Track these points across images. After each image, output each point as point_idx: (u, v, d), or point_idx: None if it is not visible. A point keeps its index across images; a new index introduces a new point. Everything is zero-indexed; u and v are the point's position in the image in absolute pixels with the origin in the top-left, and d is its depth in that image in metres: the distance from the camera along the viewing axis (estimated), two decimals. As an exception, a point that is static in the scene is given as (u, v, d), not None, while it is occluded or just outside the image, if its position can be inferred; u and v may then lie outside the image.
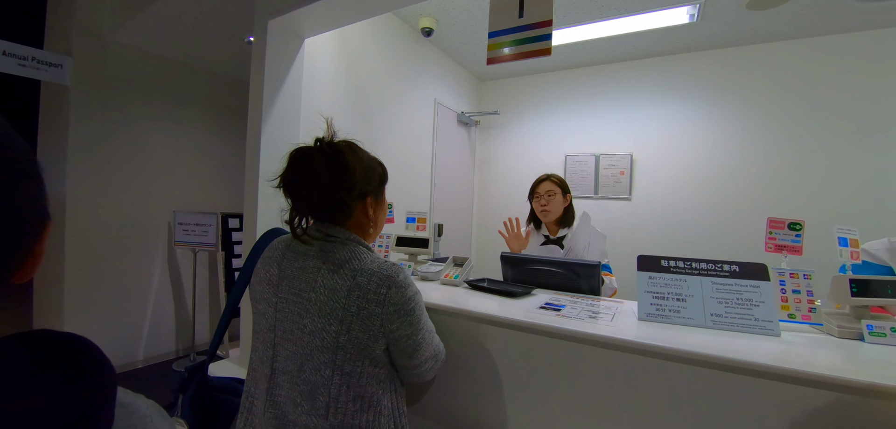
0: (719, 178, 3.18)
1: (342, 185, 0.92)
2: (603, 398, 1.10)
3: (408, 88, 3.10)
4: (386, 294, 0.87)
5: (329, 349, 0.88)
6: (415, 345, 0.93)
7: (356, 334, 0.87)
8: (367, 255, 0.94)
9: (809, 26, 2.75)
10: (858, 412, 0.87)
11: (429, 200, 3.43)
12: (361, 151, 1.00)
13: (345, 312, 0.87)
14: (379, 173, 1.04)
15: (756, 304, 1.16)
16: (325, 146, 0.95)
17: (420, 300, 0.95)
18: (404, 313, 0.89)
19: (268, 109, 2.03)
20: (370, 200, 1.00)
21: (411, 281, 0.93)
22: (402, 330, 0.90)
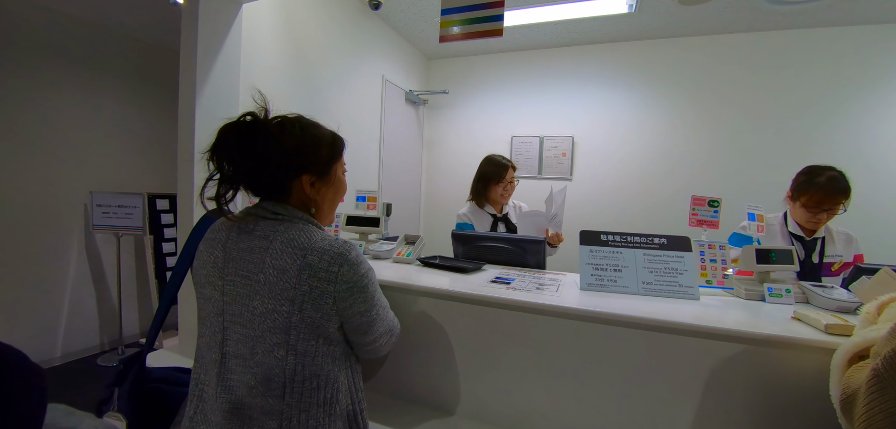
0: (649, 159, 3.45)
1: (268, 162, 0.89)
2: (550, 363, 1.18)
3: (355, 63, 3.01)
4: (338, 272, 0.87)
5: (281, 330, 0.86)
6: (369, 321, 0.94)
7: (309, 313, 0.86)
8: (317, 233, 0.92)
9: (730, 23, 3.02)
10: (760, 359, 1.01)
11: (377, 179, 3.39)
12: (300, 125, 0.96)
13: (296, 292, 0.86)
14: (325, 151, 0.98)
15: (680, 272, 1.29)
16: (249, 121, 0.91)
17: (373, 277, 0.95)
18: (357, 291, 0.89)
19: (202, 80, 1.88)
20: (307, 178, 0.94)
21: (364, 258, 0.93)
22: (355, 307, 0.90)
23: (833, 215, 1.63)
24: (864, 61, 2.89)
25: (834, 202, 1.60)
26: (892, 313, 0.85)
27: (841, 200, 1.60)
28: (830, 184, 1.60)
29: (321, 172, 0.98)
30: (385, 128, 3.41)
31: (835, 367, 0.85)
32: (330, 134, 1.02)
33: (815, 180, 1.63)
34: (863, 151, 2.91)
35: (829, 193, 1.59)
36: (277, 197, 0.96)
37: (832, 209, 1.61)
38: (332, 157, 1.01)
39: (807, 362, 0.99)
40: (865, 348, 0.82)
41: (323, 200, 1.01)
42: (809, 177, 1.65)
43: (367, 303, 0.92)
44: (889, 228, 2.86)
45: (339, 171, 1.04)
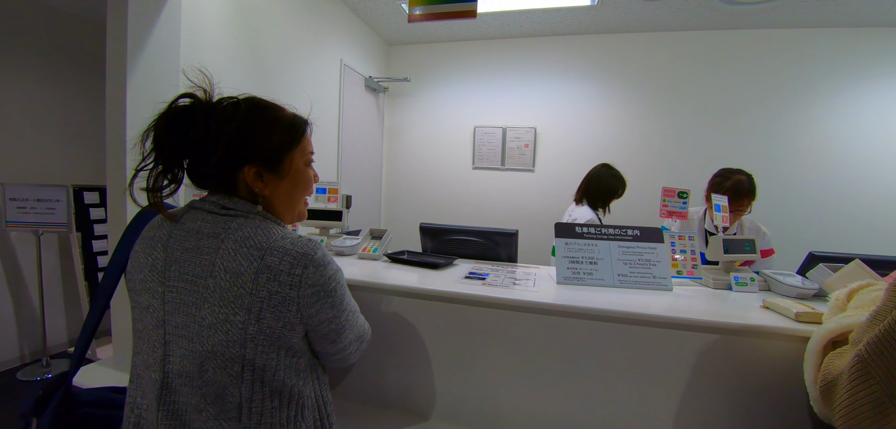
0: (609, 152, 3.52)
1: (209, 150, 0.78)
2: (529, 360, 1.14)
3: (311, 46, 2.83)
4: (302, 275, 0.76)
5: (236, 343, 0.75)
6: (338, 329, 0.85)
7: (268, 322, 0.76)
8: (276, 230, 0.81)
9: (686, 21, 3.13)
10: (736, 347, 1.02)
11: (336, 169, 3.22)
12: (248, 106, 0.84)
13: (252, 299, 0.74)
14: (278, 136, 0.84)
15: (653, 263, 1.29)
16: (187, 103, 0.80)
17: (342, 278, 0.86)
18: (325, 295, 0.80)
19: (134, 59, 1.66)
20: (251, 169, 0.81)
21: (331, 258, 0.83)
22: (322, 314, 0.80)
23: (741, 214, 1.83)
24: (809, 62, 3.10)
25: (739, 204, 1.77)
26: (862, 300, 0.88)
27: (746, 202, 1.79)
28: (736, 187, 1.77)
29: (270, 161, 0.84)
30: (344, 116, 3.25)
31: (810, 353, 0.86)
32: (288, 117, 0.89)
33: (724, 184, 1.80)
34: (807, 145, 3.13)
35: (735, 194, 1.75)
36: (226, 190, 0.84)
37: (739, 210, 1.79)
38: (287, 144, 0.86)
39: (779, 349, 1.01)
40: (840, 335, 0.84)
41: (274, 196, 0.87)
42: (721, 181, 1.83)
43: (336, 308, 0.83)
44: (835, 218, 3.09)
45: (297, 161, 0.90)
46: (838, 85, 3.05)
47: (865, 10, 2.78)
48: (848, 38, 3.01)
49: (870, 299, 0.87)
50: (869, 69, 2.99)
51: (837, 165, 3.08)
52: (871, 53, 2.98)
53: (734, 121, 3.25)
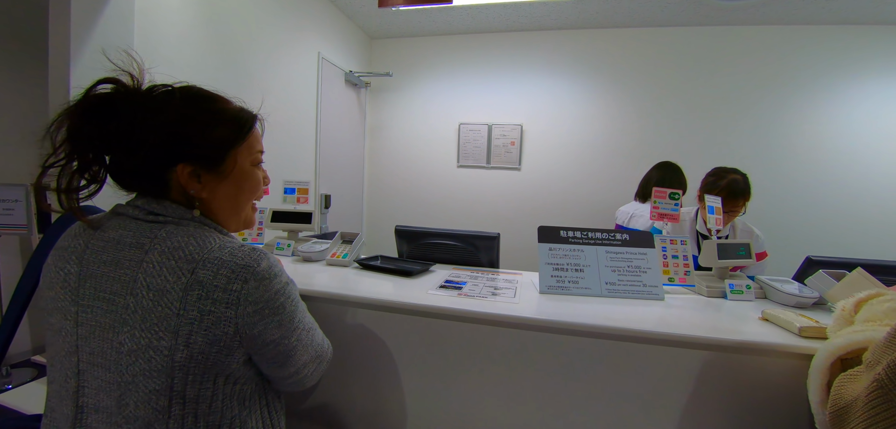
0: (597, 149, 3.45)
1: (134, 145, 0.68)
2: (509, 378, 1.03)
3: (286, 37, 2.67)
4: (241, 291, 0.65)
5: (161, 372, 0.63)
6: (287, 351, 0.73)
7: (200, 347, 0.64)
8: (213, 239, 0.69)
9: (674, 17, 3.05)
10: (735, 364, 0.93)
11: (314, 168, 3.08)
12: (184, 95, 0.73)
13: (180, 321, 0.63)
14: (220, 131, 0.74)
15: (644, 270, 1.20)
16: (109, 91, 0.70)
17: (292, 292, 0.74)
18: (270, 314, 0.69)
19: (79, 46, 1.50)
20: (185, 169, 0.71)
21: (279, 270, 0.72)
22: (267, 335, 0.69)
23: (735, 216, 1.75)
24: (799, 59, 3.05)
25: (734, 204, 1.70)
26: (872, 312, 0.79)
27: (741, 202, 1.72)
28: (730, 186, 1.70)
29: (209, 159, 0.73)
30: (322, 111, 3.10)
31: (816, 371, 0.77)
32: (233, 110, 0.78)
33: (718, 183, 1.72)
34: (798, 144, 3.08)
35: (730, 193, 1.69)
36: (155, 192, 0.72)
37: (733, 210, 1.72)
38: (231, 139, 0.75)
39: (781, 367, 0.92)
40: (851, 352, 0.75)
41: (213, 199, 0.75)
42: (715, 180, 1.76)
43: (285, 328, 0.72)
44: (828, 218, 3.06)
45: (242, 160, 0.78)
46: (829, 83, 3.01)
47: (857, 8, 2.73)
48: (838, 36, 2.97)
49: (881, 311, 0.78)
50: (860, 67, 2.96)
51: (829, 165, 3.04)
52: (863, 51, 2.94)
53: (723, 119, 3.19)
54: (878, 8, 2.71)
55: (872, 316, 0.77)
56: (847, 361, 0.76)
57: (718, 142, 3.18)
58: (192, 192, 0.72)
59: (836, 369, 0.76)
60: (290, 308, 0.72)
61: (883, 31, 2.91)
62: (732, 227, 1.81)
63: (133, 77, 0.71)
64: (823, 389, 0.76)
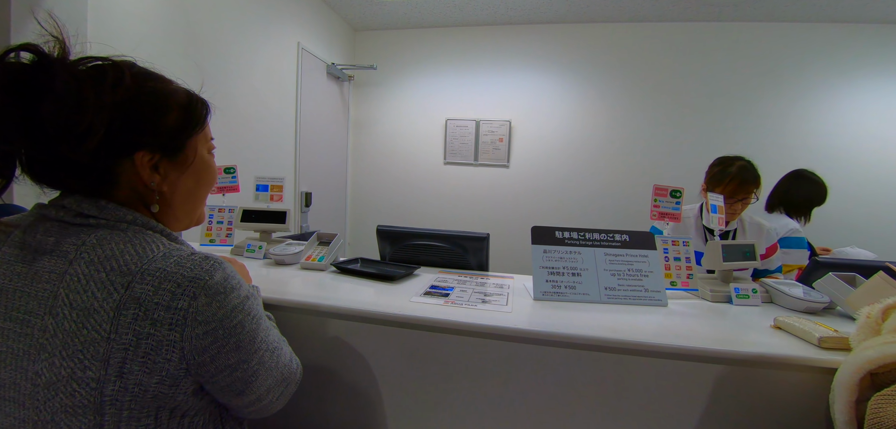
0: (587, 147, 3.38)
1: (69, 131, 0.53)
2: (501, 395, 0.93)
3: (262, 25, 2.52)
4: (188, 309, 0.54)
5: (87, 409, 0.52)
6: (246, 377, 0.62)
7: (136, 378, 0.53)
8: (156, 245, 0.58)
9: (665, 12, 3.00)
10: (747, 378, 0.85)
11: (293, 164, 2.93)
12: (133, 73, 0.60)
13: (111, 346, 0.52)
14: (175, 115, 0.64)
15: (645, 274, 1.11)
16: (31, 61, 0.54)
17: (252, 307, 0.63)
18: (224, 335, 0.57)
19: (20, 27, 1.35)
20: (145, 157, 0.61)
21: (236, 282, 0.60)
22: (222, 360, 0.58)
23: (747, 205, 1.63)
24: (790, 56, 3.02)
25: (747, 191, 1.59)
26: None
27: (752, 189, 1.61)
28: (742, 173, 1.60)
29: (168, 147, 0.64)
30: (302, 105, 2.96)
31: (842, 387, 0.69)
32: (183, 92, 0.67)
33: (727, 170, 1.62)
34: (788, 141, 3.06)
35: (742, 181, 1.58)
36: (90, 189, 0.59)
37: (746, 198, 1.61)
38: (188, 124, 0.66)
39: (798, 381, 0.84)
40: (882, 366, 0.66)
41: (174, 193, 0.66)
42: (722, 168, 1.64)
43: (243, 351, 0.61)
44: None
45: (200, 148, 0.70)
46: (818, 81, 3.00)
47: (845, 6, 2.71)
48: (827, 33, 2.96)
49: (915, 322, 0.70)
50: (850, 65, 2.95)
51: (820, 162, 3.01)
52: (852, 49, 2.94)
53: (713, 115, 3.15)
54: (865, 6, 2.69)
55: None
56: (877, 375, 0.68)
57: (709, 138, 3.14)
58: (154, 185, 0.62)
59: (865, 384, 0.68)
60: (250, 327, 0.61)
61: (871, 29, 2.90)
62: (740, 222, 1.69)
63: (63, 45, 0.57)
64: (851, 407, 0.68)
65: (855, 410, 0.68)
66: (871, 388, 0.68)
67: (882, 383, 0.66)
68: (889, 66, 2.91)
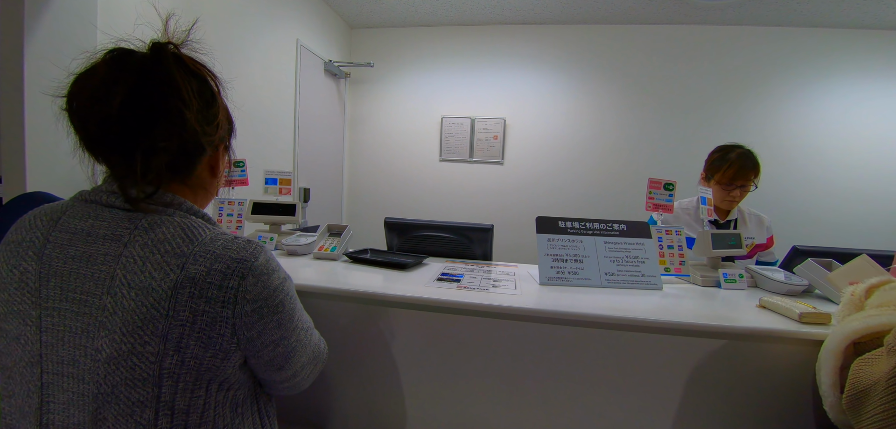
0: (579, 145, 3.47)
1: (208, 118, 0.66)
2: (512, 371, 1.00)
3: (262, 22, 2.55)
4: (238, 288, 0.59)
5: (147, 382, 0.56)
6: (287, 352, 0.68)
7: (193, 352, 0.57)
8: (204, 230, 0.62)
9: (657, 15, 3.11)
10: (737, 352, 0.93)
11: (292, 159, 2.96)
12: (192, 61, 0.69)
13: (170, 323, 0.56)
14: (229, 119, 0.76)
15: (642, 260, 1.19)
16: (175, 52, 0.65)
17: (290, 288, 0.69)
18: (269, 312, 0.63)
19: (34, 21, 1.37)
20: (223, 150, 0.75)
21: (276, 264, 0.66)
22: (267, 336, 0.64)
23: (746, 193, 1.65)
24: (779, 59, 3.16)
25: (746, 177, 1.61)
26: (884, 298, 0.80)
27: (752, 176, 1.62)
28: (742, 159, 1.61)
29: (227, 143, 0.76)
30: (301, 101, 2.99)
31: (829, 354, 0.78)
32: (226, 108, 0.76)
33: (727, 156, 1.63)
34: (776, 141, 3.18)
35: (741, 167, 1.59)
36: (161, 176, 0.63)
37: (745, 185, 1.62)
38: (233, 125, 0.78)
39: (781, 353, 0.93)
40: (867, 336, 0.75)
41: (212, 187, 0.76)
42: (722, 154, 1.65)
43: (284, 327, 0.67)
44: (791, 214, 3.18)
45: None
46: (802, 83, 3.14)
47: (825, 12, 2.85)
48: (809, 38, 3.10)
49: (895, 298, 0.79)
50: (830, 68, 3.09)
51: (802, 161, 3.18)
52: (833, 53, 3.08)
53: (701, 114, 3.28)
54: (841, 11, 2.84)
55: (886, 302, 0.78)
56: (860, 345, 0.77)
57: (694, 137, 3.26)
58: (220, 172, 0.74)
59: (849, 352, 0.77)
60: (289, 306, 0.67)
61: (855, 34, 3.05)
62: (740, 213, 1.72)
63: (173, 42, 0.65)
64: (836, 371, 0.76)
65: (839, 375, 0.76)
66: (854, 356, 0.76)
67: (863, 352, 0.75)
68: (863, 68, 3.07)
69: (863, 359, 0.70)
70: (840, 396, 0.73)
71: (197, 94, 0.63)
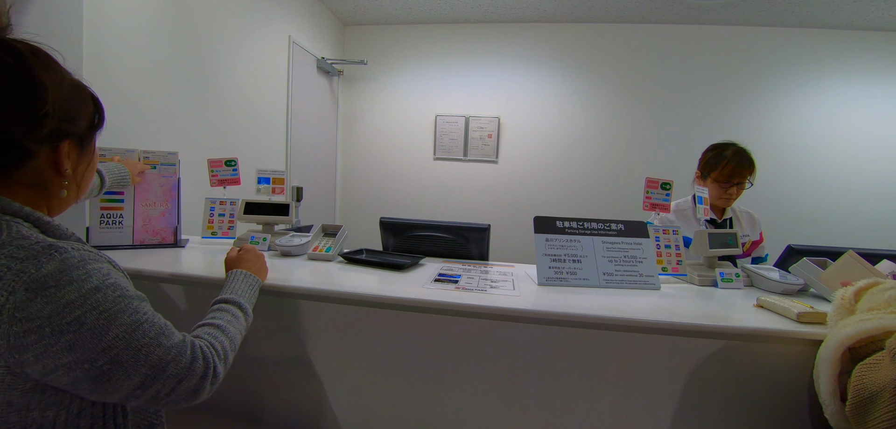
0: (573, 144, 3.47)
1: (22, 114, 0.55)
2: (511, 374, 0.99)
3: (254, 18, 2.51)
4: (5, 304, 0.51)
5: None
6: (93, 376, 0.55)
7: None
8: (6, 233, 0.55)
9: (651, 14, 3.11)
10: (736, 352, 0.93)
11: (285, 158, 2.93)
12: (58, 65, 0.61)
13: None
14: (89, 108, 0.66)
15: (640, 260, 1.18)
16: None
17: (102, 301, 0.56)
18: (54, 333, 0.52)
19: (18, 15, 1.33)
20: (68, 146, 0.62)
21: (79, 273, 0.55)
22: (54, 360, 0.53)
23: (742, 190, 1.65)
24: (772, 59, 3.19)
25: (743, 174, 1.60)
26: (874, 301, 0.80)
27: (748, 173, 1.62)
28: (738, 157, 1.61)
29: (85, 138, 0.66)
30: (293, 99, 2.95)
31: (825, 362, 0.77)
32: (88, 92, 0.67)
33: (723, 154, 1.62)
34: (768, 140, 3.20)
35: (738, 164, 1.59)
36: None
37: (741, 182, 1.62)
38: (98, 123, 0.68)
39: (780, 353, 0.93)
40: (862, 341, 0.75)
41: (83, 180, 0.69)
42: (718, 152, 1.65)
43: (82, 350, 0.54)
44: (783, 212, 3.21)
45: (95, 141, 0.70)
46: (795, 83, 3.17)
47: (815, 13, 2.88)
48: (808, 38, 3.13)
49: (883, 300, 0.79)
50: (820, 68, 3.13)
51: (794, 160, 3.21)
52: (830, 53, 3.11)
53: (694, 113, 3.29)
54: (834, 13, 2.87)
55: (875, 304, 0.78)
56: (855, 350, 0.76)
57: (688, 135, 3.28)
58: (65, 169, 0.62)
59: (845, 359, 0.77)
60: (94, 322, 0.54)
61: (842, 35, 3.09)
62: (734, 212, 1.72)
63: (7, 22, 0.58)
64: (834, 379, 0.76)
65: (838, 382, 0.76)
66: (851, 362, 0.76)
67: (859, 357, 0.74)
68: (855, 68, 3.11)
69: (865, 365, 0.70)
70: (841, 403, 0.73)
71: (17, 90, 0.55)
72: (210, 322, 0.75)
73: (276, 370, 1.10)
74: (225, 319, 0.77)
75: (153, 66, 1.84)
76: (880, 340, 0.69)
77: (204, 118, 2.13)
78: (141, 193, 1.43)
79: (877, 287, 0.83)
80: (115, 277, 0.59)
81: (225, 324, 0.75)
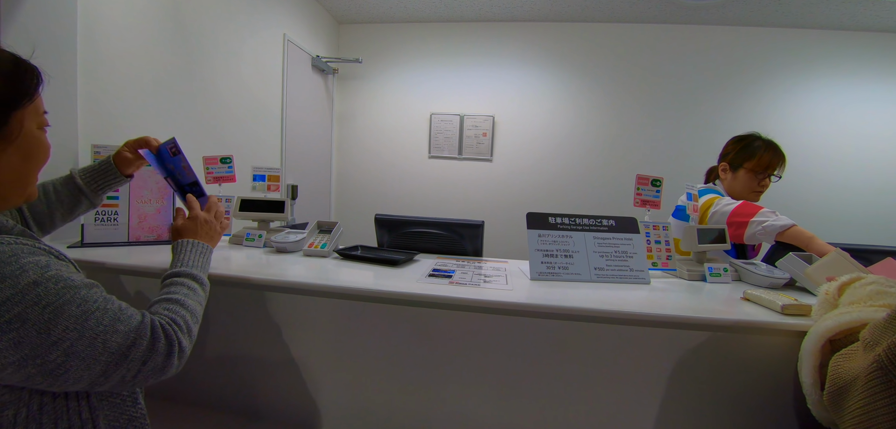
0: (567, 142, 3.50)
1: None
2: (504, 366, 1.01)
3: (248, 15, 2.51)
4: None
5: None
6: (47, 370, 0.55)
7: None
8: None
9: (645, 13, 3.14)
10: (723, 343, 0.96)
11: (280, 156, 2.93)
12: None
13: None
14: None
15: (630, 255, 1.21)
16: None
17: (44, 295, 0.55)
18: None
19: (11, 9, 1.32)
20: None
21: (15, 268, 0.54)
22: (2, 358, 0.52)
23: (769, 184, 1.55)
24: (765, 59, 3.23)
25: (781, 165, 1.50)
26: (856, 295, 0.83)
27: (783, 163, 1.51)
28: (772, 147, 1.49)
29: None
30: (288, 97, 2.95)
31: (807, 353, 0.80)
32: (10, 58, 0.61)
33: (754, 144, 1.51)
34: None
35: (774, 153, 1.48)
36: None
37: (779, 174, 1.52)
38: (14, 98, 0.60)
39: (765, 344, 0.95)
40: (841, 333, 0.78)
41: (17, 173, 0.63)
42: (748, 142, 1.53)
43: (30, 345, 0.53)
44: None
45: (29, 123, 0.63)
46: (790, 83, 3.21)
47: (817, 13, 2.92)
48: (802, 38, 3.17)
49: (864, 294, 0.82)
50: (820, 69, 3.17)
51: (794, 158, 3.18)
52: (826, 53, 3.15)
53: (687, 111, 3.33)
54: (827, 13, 2.91)
55: (857, 298, 0.81)
56: (835, 341, 0.79)
57: (683, 135, 3.32)
58: None
59: (825, 350, 0.79)
60: (38, 317, 0.53)
61: (836, 35, 3.14)
62: None
63: None
64: (816, 369, 0.78)
65: (818, 373, 0.79)
66: (831, 353, 0.79)
67: (838, 348, 0.77)
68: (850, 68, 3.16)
69: (840, 355, 0.72)
70: (821, 393, 0.75)
71: None
72: (166, 297, 0.74)
73: (272, 365, 1.11)
74: (181, 293, 0.76)
75: (148, 64, 1.84)
76: (858, 331, 0.72)
77: (199, 116, 2.13)
78: (136, 189, 1.43)
79: (859, 281, 0.85)
80: (57, 269, 0.57)
81: (182, 297, 0.75)
